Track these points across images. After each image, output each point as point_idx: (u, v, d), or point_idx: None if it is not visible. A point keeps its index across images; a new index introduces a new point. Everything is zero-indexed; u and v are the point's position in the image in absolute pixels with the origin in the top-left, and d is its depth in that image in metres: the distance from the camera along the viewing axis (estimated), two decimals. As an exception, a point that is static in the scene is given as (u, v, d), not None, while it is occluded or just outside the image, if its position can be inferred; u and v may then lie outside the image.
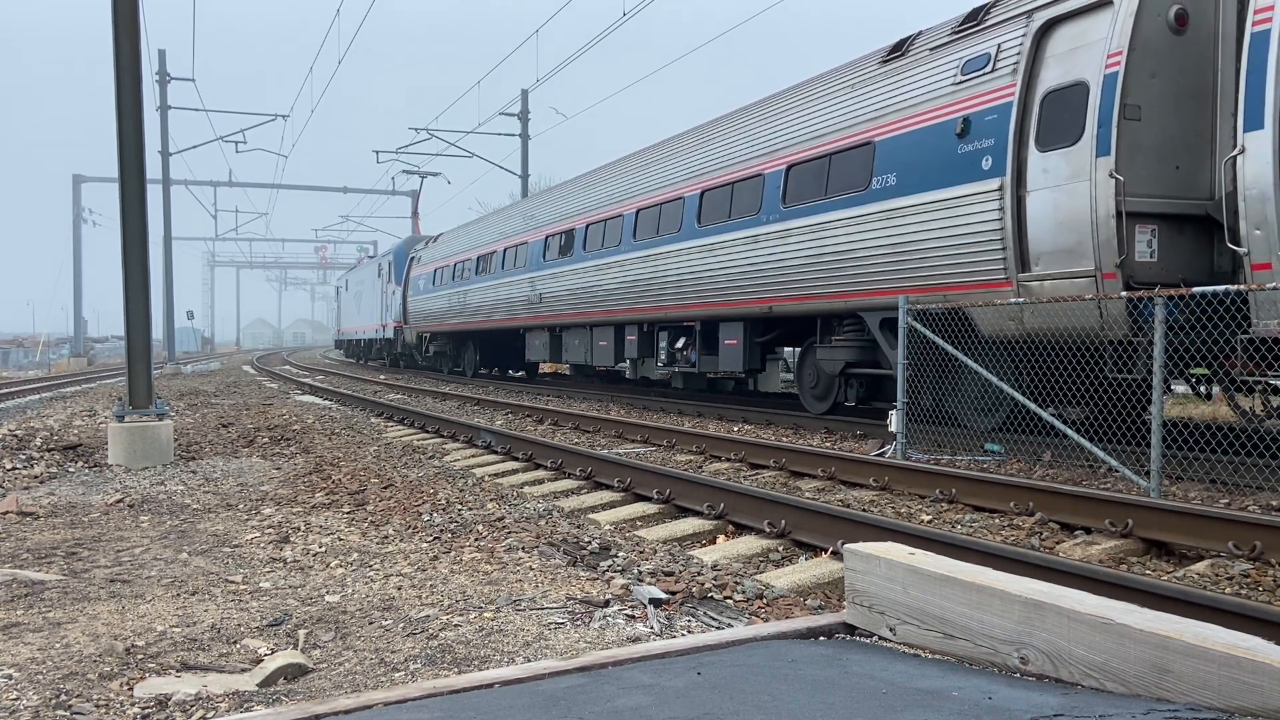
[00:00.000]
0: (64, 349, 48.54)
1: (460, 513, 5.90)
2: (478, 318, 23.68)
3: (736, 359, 13.38)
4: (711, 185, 13.66)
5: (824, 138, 11.39)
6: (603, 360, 17.67)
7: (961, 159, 9.33)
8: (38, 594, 4.15)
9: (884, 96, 10.55)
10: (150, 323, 9.21)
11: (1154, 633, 2.34)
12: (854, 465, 7.67)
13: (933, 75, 9.94)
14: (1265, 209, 6.87)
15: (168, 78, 31.90)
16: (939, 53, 9.99)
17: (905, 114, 10.17)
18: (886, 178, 10.28)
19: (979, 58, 9.37)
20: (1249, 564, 4.77)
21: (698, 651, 2.91)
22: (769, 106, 13.01)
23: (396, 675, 3.06)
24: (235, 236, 69.03)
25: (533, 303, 19.97)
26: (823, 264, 11.20)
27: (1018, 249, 8.69)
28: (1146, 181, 7.96)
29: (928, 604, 2.90)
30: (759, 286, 12.41)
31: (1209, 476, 7.00)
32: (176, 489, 7.27)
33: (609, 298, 16.57)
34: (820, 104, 11.72)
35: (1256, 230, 6.97)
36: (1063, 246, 8.27)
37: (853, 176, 10.82)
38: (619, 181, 17.07)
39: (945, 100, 9.66)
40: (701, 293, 13.76)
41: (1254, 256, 7.00)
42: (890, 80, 10.55)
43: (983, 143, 9.13)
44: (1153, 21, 7.98)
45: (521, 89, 32.83)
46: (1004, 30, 9.19)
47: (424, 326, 29.18)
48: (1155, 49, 8.01)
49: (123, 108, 8.71)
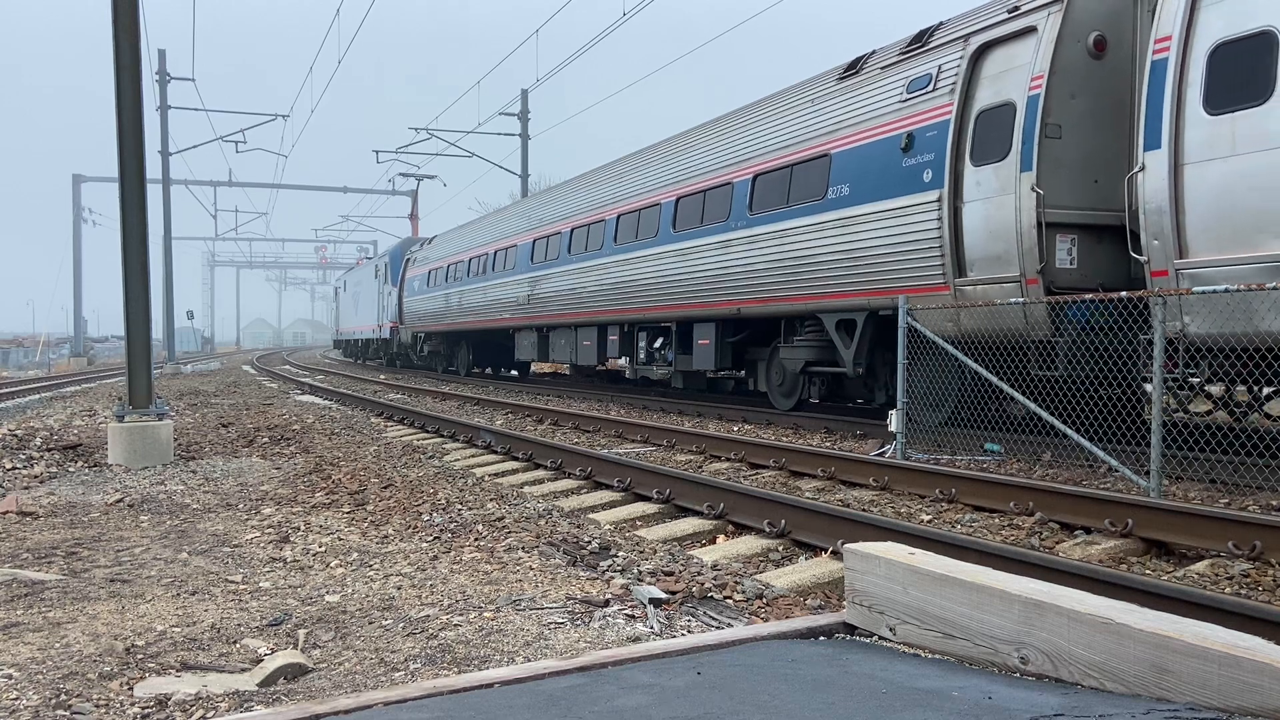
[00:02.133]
0: (64, 349, 48.54)
1: (460, 512, 5.90)
2: (470, 318, 24.37)
3: (709, 358, 14.02)
4: (686, 192, 14.34)
5: (787, 149, 12.05)
6: (586, 359, 18.23)
7: (906, 171, 9.99)
8: (38, 594, 4.15)
9: (840, 111, 11.25)
10: (150, 323, 9.21)
11: (1154, 632, 2.34)
12: (854, 465, 7.67)
13: (882, 93, 10.60)
14: (1162, 221, 7.52)
15: (168, 78, 31.90)
16: (888, 71, 10.65)
17: (858, 128, 10.84)
18: (841, 188, 10.95)
19: (922, 77, 10.06)
20: (1249, 564, 4.77)
21: (698, 651, 2.91)
22: (739, 118, 13.68)
23: (396, 675, 3.06)
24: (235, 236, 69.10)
25: (521, 304, 20.65)
26: (785, 268, 11.86)
27: (955, 255, 9.38)
28: (1066, 195, 8.65)
29: (927, 604, 2.90)
30: (728, 289, 13.06)
31: (1209, 476, 7.00)
32: (176, 489, 7.27)
33: (592, 299, 17.21)
34: (784, 117, 12.38)
35: (1155, 241, 7.63)
36: (993, 254, 8.99)
37: (812, 186, 11.47)
38: (602, 188, 17.72)
39: (893, 116, 10.33)
40: (676, 295, 14.42)
41: (1153, 264, 7.68)
42: (845, 96, 11.25)
43: (924, 157, 9.78)
44: (1073, 47, 8.65)
45: (521, 89, 32.85)
46: (944, 53, 9.86)
47: (419, 327, 29.80)
48: (1075, 72, 8.69)
49: (123, 108, 8.71)
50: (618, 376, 21.63)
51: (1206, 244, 7.31)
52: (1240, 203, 7.08)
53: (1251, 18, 7.07)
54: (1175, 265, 7.46)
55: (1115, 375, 8.00)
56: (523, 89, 32.80)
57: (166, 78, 31.86)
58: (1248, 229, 7.00)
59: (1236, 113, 7.13)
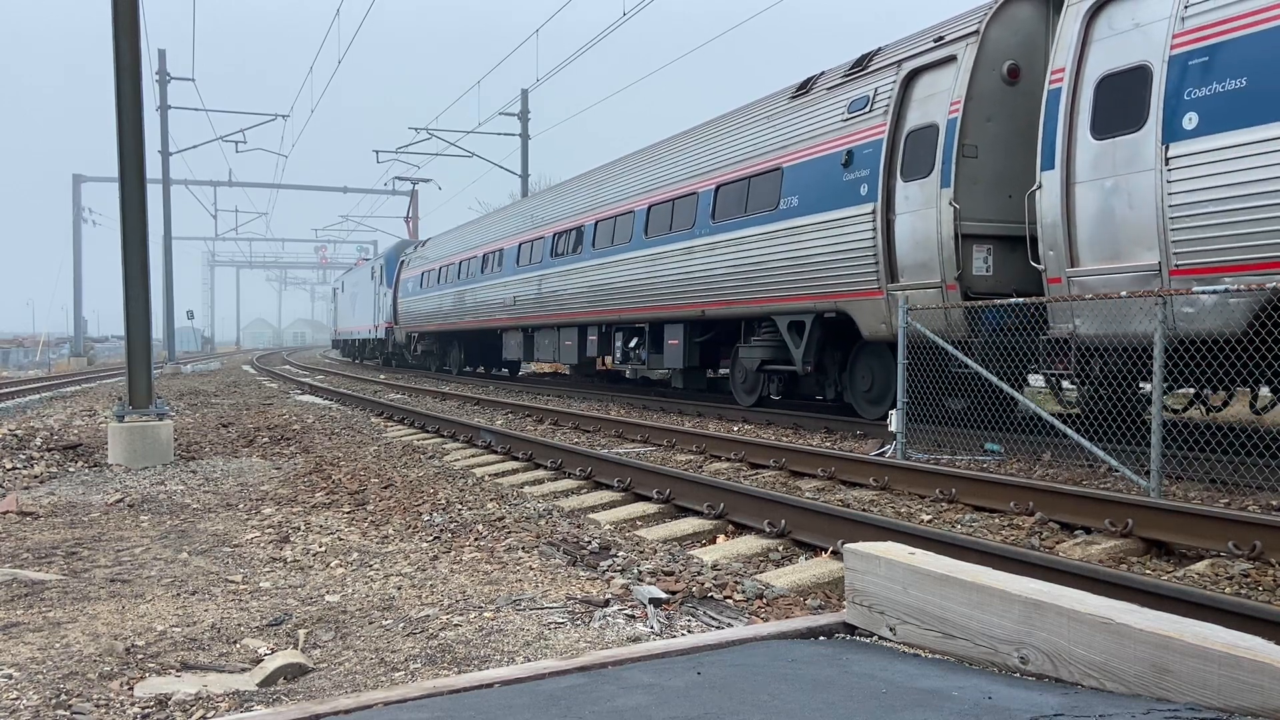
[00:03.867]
0: (64, 349, 48.54)
1: (460, 512, 5.90)
2: (460, 319, 25.25)
3: (678, 357, 14.93)
4: (656, 201, 15.22)
5: (745, 162, 12.92)
6: (568, 358, 19.04)
7: (846, 185, 10.87)
8: (38, 594, 4.15)
9: (791, 128, 12.10)
10: (150, 322, 9.20)
11: (1154, 633, 2.34)
12: (854, 465, 7.67)
13: (827, 112, 11.48)
14: (1056, 234, 8.37)
15: (168, 78, 31.90)
16: (833, 92, 11.53)
17: (806, 144, 11.71)
18: (791, 199, 11.82)
19: (861, 99, 10.91)
20: (1249, 564, 4.77)
21: (698, 651, 2.91)
22: (704, 132, 14.58)
23: (396, 675, 3.06)
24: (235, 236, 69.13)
25: (508, 305, 21.53)
26: (743, 274, 12.75)
27: (887, 263, 10.25)
28: (982, 209, 9.54)
29: (927, 604, 2.90)
30: (694, 293, 13.93)
31: (1209, 476, 7.00)
32: (176, 489, 7.27)
33: (573, 301, 18.06)
34: (743, 132, 13.25)
35: (1050, 252, 8.47)
36: (918, 262, 9.89)
37: (766, 197, 12.35)
38: (581, 194, 18.59)
39: (836, 134, 11.21)
40: (649, 298, 15.25)
41: (1049, 273, 8.51)
42: (796, 114, 12.11)
43: (862, 172, 10.65)
44: (989, 74, 9.54)
45: (521, 89, 32.85)
46: (881, 76, 10.71)
47: (413, 327, 30.64)
48: (990, 97, 9.58)
49: (123, 108, 8.71)
50: (618, 376, 21.69)
51: (1092, 255, 8.14)
52: (1116, 217, 7.90)
53: (1131, 54, 7.89)
54: (1068, 273, 8.31)
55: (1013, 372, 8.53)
56: (523, 89, 32.82)
57: (166, 78, 31.87)
58: (1124, 242, 7.86)
59: (1117, 138, 7.92)
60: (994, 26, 9.58)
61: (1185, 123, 7.44)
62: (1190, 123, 7.41)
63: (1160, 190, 7.54)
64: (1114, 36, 8.09)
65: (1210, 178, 7.23)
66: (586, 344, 18.11)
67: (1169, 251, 7.49)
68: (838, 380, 11.86)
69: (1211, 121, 7.25)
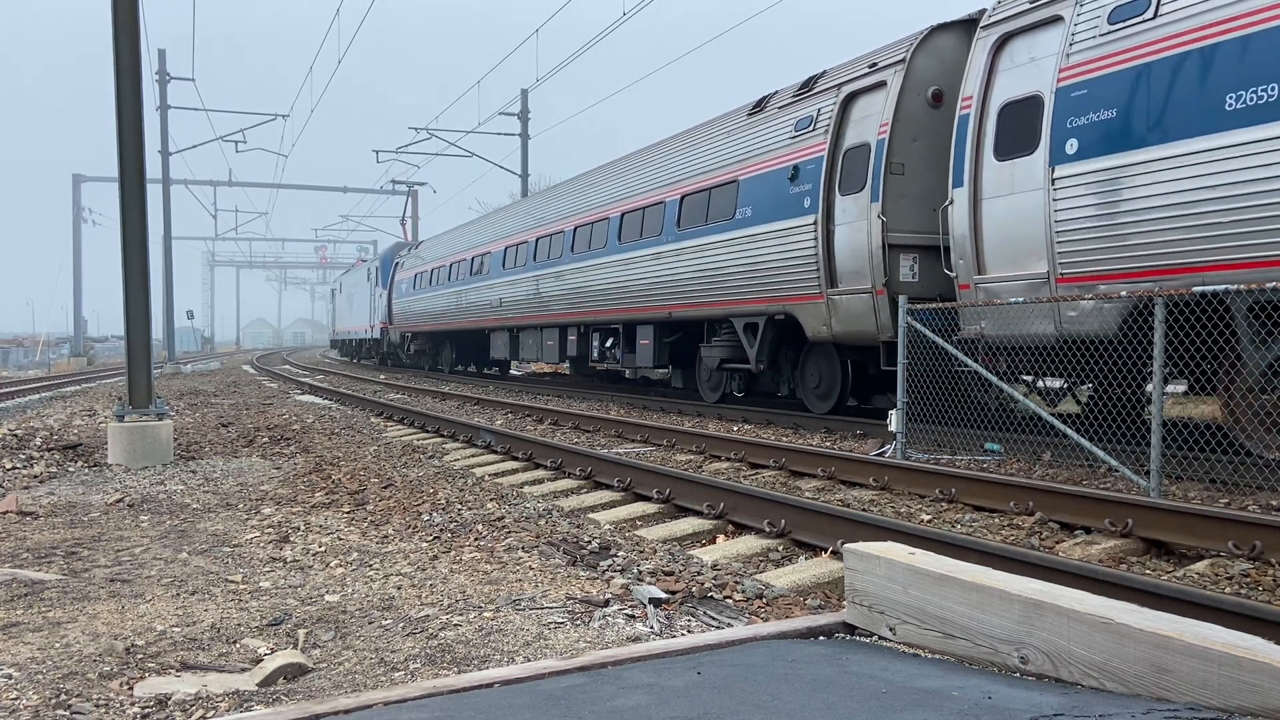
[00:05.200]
0: (64, 348, 48.53)
1: (460, 512, 5.90)
2: (451, 319, 26.22)
3: (649, 356, 15.75)
4: (629, 208, 16.09)
5: (707, 174, 13.82)
6: (550, 358, 19.93)
7: (792, 198, 11.74)
8: (37, 594, 4.15)
9: (747, 144, 12.98)
10: (150, 322, 9.20)
11: (1154, 632, 2.34)
12: (854, 465, 7.67)
13: (778, 129, 12.36)
14: (965, 245, 9.24)
15: (168, 78, 31.88)
16: (784, 111, 12.39)
17: (760, 159, 12.58)
18: (746, 210, 12.67)
19: (806, 118, 11.83)
20: (1249, 564, 4.77)
21: (697, 651, 2.91)
22: (673, 144, 15.51)
23: (396, 675, 3.06)
24: (235, 236, 69.12)
25: (495, 306, 22.45)
26: (704, 279, 13.67)
27: (827, 270, 11.16)
28: (908, 221, 10.39)
29: (927, 604, 2.90)
30: (662, 296, 14.85)
31: (1209, 476, 7.00)
32: (176, 489, 7.27)
33: (554, 303, 18.97)
34: (706, 146, 14.15)
35: (960, 260, 9.36)
36: (853, 269, 10.80)
37: (725, 207, 13.22)
38: (563, 202, 19.52)
39: (785, 150, 12.08)
40: (622, 300, 16.11)
41: (960, 279, 9.40)
42: (751, 131, 12.99)
43: (806, 186, 11.51)
44: (914, 98, 10.43)
45: (521, 89, 32.84)
46: (823, 98, 11.64)
47: (407, 327, 31.62)
48: (916, 120, 10.44)
49: (123, 108, 8.71)
50: (618, 376, 21.75)
51: (996, 263, 9.00)
52: (1014, 231, 8.75)
53: (1027, 85, 8.74)
54: (975, 280, 9.18)
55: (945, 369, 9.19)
56: (523, 89, 32.80)
57: (166, 78, 31.85)
58: (1020, 253, 8.71)
59: (1015, 159, 8.75)
60: (919, 55, 10.49)
61: (1068, 148, 8.25)
62: (1072, 148, 8.23)
63: (1048, 208, 8.37)
64: (1014, 69, 8.94)
65: (1087, 197, 8.05)
66: (567, 344, 18.91)
67: (1055, 262, 8.34)
68: (790, 378, 12.86)
69: (1088, 147, 8.07)
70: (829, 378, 11.97)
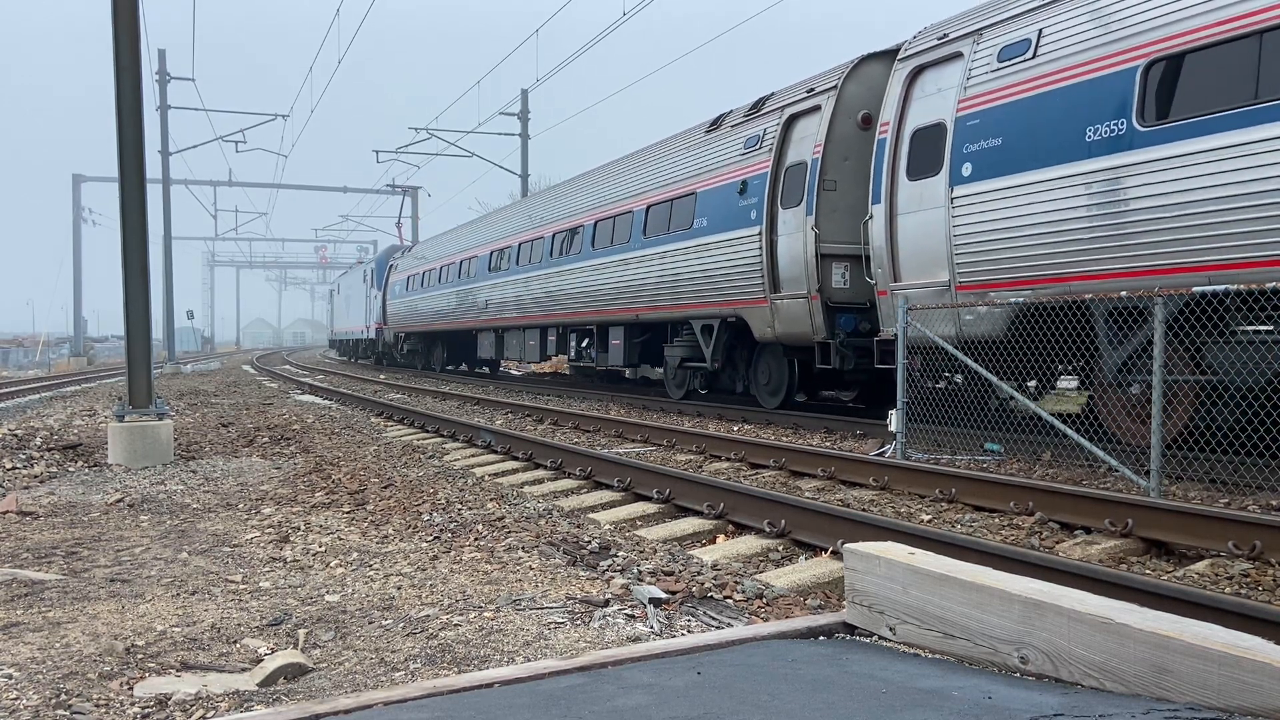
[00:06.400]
0: (64, 349, 48.53)
1: (460, 512, 5.90)
2: (441, 320, 27.27)
3: (620, 355, 16.68)
4: (602, 217, 17.10)
5: (670, 186, 14.87)
6: (531, 357, 21.00)
7: (741, 210, 12.73)
8: (38, 594, 4.15)
9: (704, 159, 14.03)
10: (150, 323, 9.20)
11: (1154, 633, 2.34)
12: (854, 465, 7.67)
13: (730, 147, 13.37)
14: (883, 255, 10.22)
15: (168, 78, 31.88)
16: (736, 129, 13.43)
17: (715, 173, 13.61)
18: (703, 220, 13.69)
19: (754, 137, 12.85)
20: (1249, 564, 4.77)
21: (697, 651, 2.91)
22: (641, 157, 16.60)
23: (396, 675, 3.06)
24: (235, 236, 69.12)
25: (481, 308, 23.51)
26: (666, 283, 14.67)
27: (771, 277, 12.17)
28: (840, 233, 11.41)
29: (927, 604, 2.90)
30: (630, 299, 15.83)
31: (1209, 476, 7.00)
32: (176, 489, 7.27)
33: (535, 305, 20.00)
34: (669, 160, 15.20)
35: (879, 269, 10.35)
36: (792, 276, 11.84)
37: (684, 217, 14.26)
38: (543, 208, 20.60)
39: (736, 166, 13.08)
40: (595, 303, 17.09)
41: (879, 286, 10.39)
42: (708, 147, 14.04)
43: (752, 199, 12.50)
44: (845, 121, 11.52)
45: (521, 89, 32.83)
46: (769, 119, 12.65)
47: (400, 327, 32.71)
48: (846, 141, 11.52)
49: (123, 108, 8.71)
50: (617, 376, 21.77)
51: (909, 272, 9.93)
52: (923, 244, 9.68)
53: (934, 113, 9.70)
54: (892, 287, 10.10)
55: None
56: (523, 89, 32.80)
57: (166, 78, 31.84)
58: (927, 263, 9.66)
59: (924, 180, 9.69)
60: (850, 82, 11.52)
61: (964, 171, 9.18)
62: (967, 171, 9.16)
63: (948, 224, 9.34)
64: (924, 98, 9.90)
65: (978, 215, 9.02)
66: (547, 344, 19.94)
67: (955, 271, 9.32)
68: (745, 376, 13.82)
69: (979, 171, 9.02)
70: (778, 375, 12.99)
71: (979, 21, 9.45)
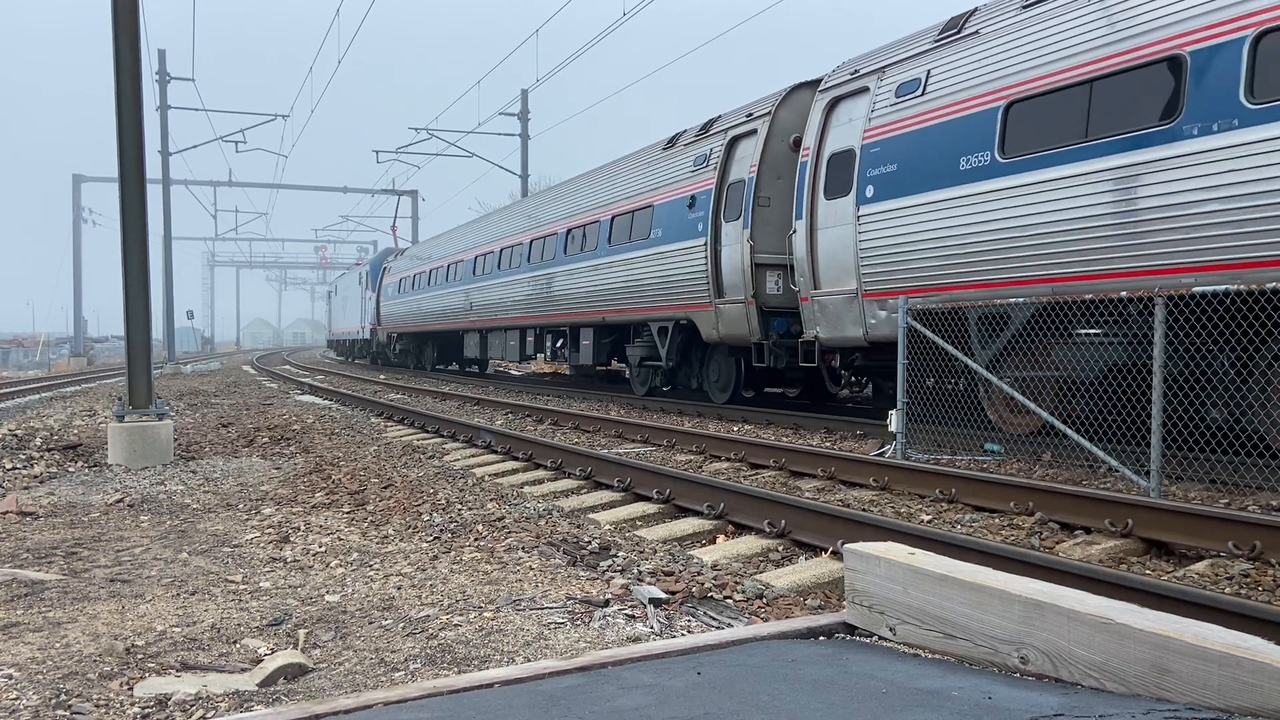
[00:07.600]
0: (64, 349, 48.53)
1: (460, 512, 5.90)
2: (430, 321, 28.44)
3: (590, 355, 17.83)
4: (574, 225, 18.27)
5: (631, 198, 16.10)
6: (512, 356, 22.21)
7: (690, 222, 13.98)
8: (38, 594, 4.15)
9: (660, 174, 15.27)
10: (150, 323, 9.20)
11: (1154, 633, 2.34)
12: (854, 465, 7.67)
13: (683, 164, 14.63)
14: (804, 265, 11.43)
15: (168, 78, 31.88)
16: (688, 148, 14.72)
17: (669, 188, 14.86)
18: (659, 231, 14.92)
19: (702, 156, 14.13)
20: (1249, 564, 4.77)
21: (698, 651, 2.91)
22: (611, 170, 17.77)
23: (396, 675, 3.06)
24: (235, 236, 69.07)
25: (467, 310, 24.67)
26: (628, 288, 15.85)
27: (715, 284, 13.42)
28: (773, 244, 12.53)
29: (928, 604, 2.90)
30: (598, 302, 16.98)
31: (1209, 476, 7.00)
32: (176, 489, 7.27)
33: (515, 307, 21.20)
34: (632, 174, 16.44)
35: (801, 278, 11.56)
36: (733, 284, 13.05)
37: (643, 228, 15.49)
38: (525, 215, 21.88)
39: (687, 182, 14.31)
40: (568, 305, 18.23)
41: (801, 292, 11.58)
42: (663, 163, 15.32)
43: (700, 213, 13.76)
44: (778, 144, 12.68)
45: (521, 89, 32.84)
46: (715, 140, 13.92)
47: (393, 328, 33.77)
48: (779, 161, 12.65)
49: (123, 108, 8.71)
50: (617, 377, 21.82)
51: (826, 280, 11.11)
52: (837, 256, 10.88)
53: (846, 140, 10.89)
54: (812, 294, 11.31)
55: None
56: (523, 89, 32.81)
57: (166, 78, 31.85)
58: (840, 273, 10.87)
59: (838, 199, 10.90)
60: (783, 108, 12.69)
61: (868, 192, 10.39)
62: (870, 192, 10.36)
63: (856, 238, 10.52)
64: (840, 126, 11.08)
65: (879, 231, 10.22)
66: (527, 344, 21.19)
67: (861, 280, 10.50)
68: (698, 374, 15.09)
69: (879, 192, 10.23)
70: (726, 373, 14.36)
71: (883, 60, 10.69)
